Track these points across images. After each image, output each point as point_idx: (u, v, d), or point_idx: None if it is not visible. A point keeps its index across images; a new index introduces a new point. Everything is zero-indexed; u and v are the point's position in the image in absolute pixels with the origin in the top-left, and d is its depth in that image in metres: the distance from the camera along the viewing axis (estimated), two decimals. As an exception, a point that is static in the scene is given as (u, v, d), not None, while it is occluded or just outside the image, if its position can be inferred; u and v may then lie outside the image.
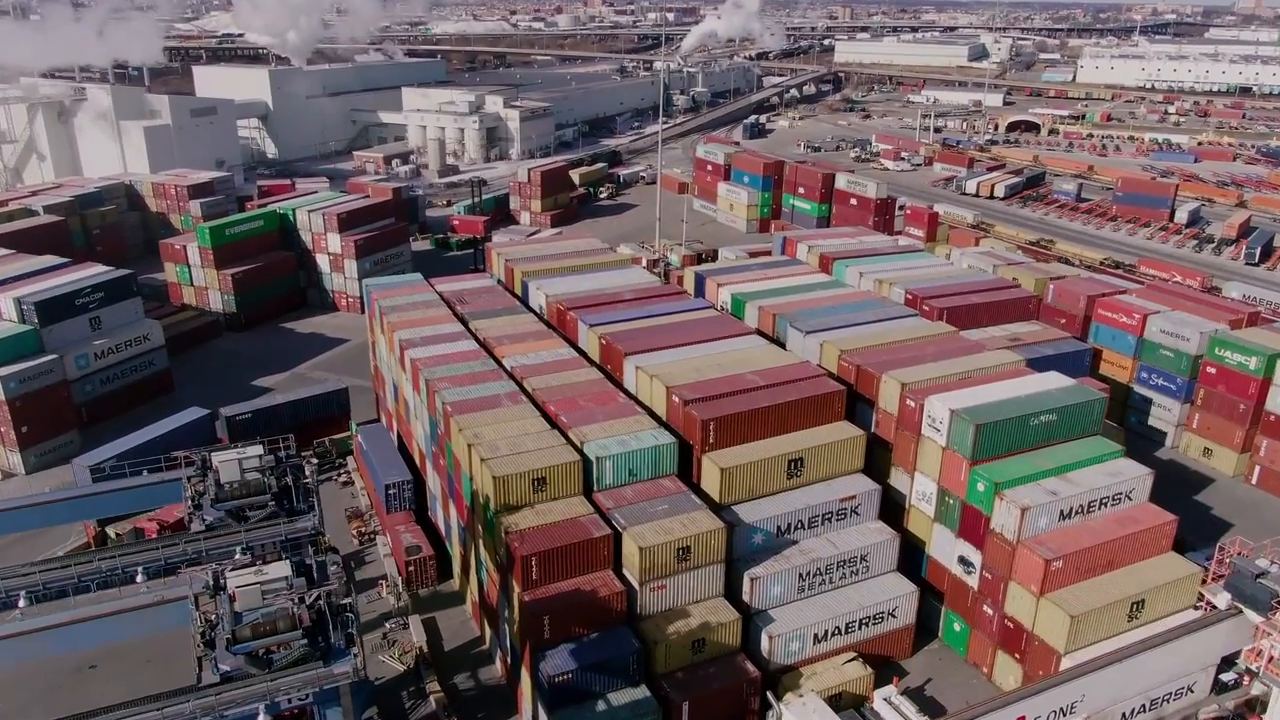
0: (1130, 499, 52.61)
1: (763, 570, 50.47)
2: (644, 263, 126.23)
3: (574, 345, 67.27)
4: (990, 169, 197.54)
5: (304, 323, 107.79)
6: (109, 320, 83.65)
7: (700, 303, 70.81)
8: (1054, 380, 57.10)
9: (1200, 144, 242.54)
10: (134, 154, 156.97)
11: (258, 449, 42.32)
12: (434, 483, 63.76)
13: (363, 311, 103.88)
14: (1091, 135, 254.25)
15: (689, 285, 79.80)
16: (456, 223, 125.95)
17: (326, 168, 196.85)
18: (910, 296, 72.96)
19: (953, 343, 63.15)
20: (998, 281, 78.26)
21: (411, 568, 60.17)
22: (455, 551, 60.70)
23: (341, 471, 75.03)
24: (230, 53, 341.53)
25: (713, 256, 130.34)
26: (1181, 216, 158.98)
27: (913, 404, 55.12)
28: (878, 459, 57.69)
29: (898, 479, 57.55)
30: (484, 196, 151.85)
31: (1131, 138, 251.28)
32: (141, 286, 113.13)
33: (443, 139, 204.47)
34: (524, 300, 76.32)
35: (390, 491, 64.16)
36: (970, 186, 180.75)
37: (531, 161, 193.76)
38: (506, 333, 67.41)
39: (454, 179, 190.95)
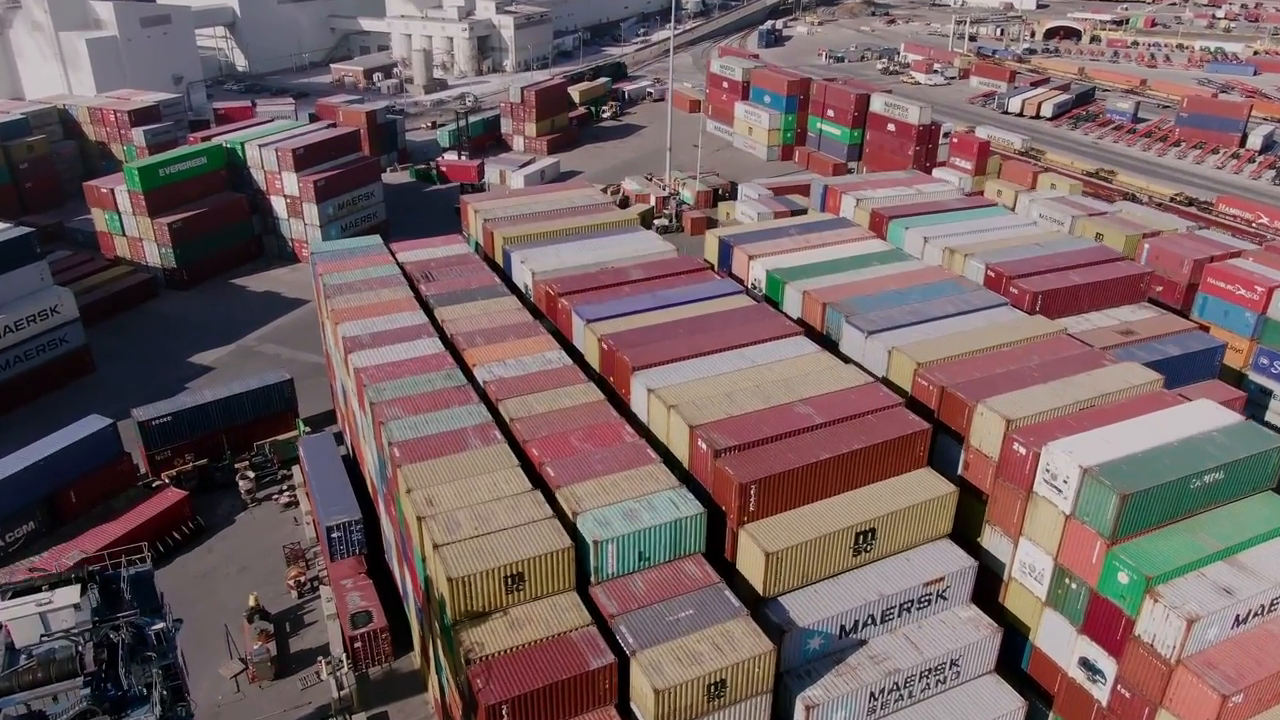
0: (1321, 587, 38.60)
1: (822, 692, 36.77)
2: (652, 200, 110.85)
3: (567, 343, 52.77)
4: (1034, 84, 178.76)
5: (258, 278, 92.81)
6: (6, 291, 69.07)
7: (728, 285, 55.72)
8: (1209, 416, 42.44)
9: (1256, 53, 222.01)
10: (78, 72, 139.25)
11: (73, 593, 27.99)
12: (388, 528, 49.99)
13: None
14: (1137, 43, 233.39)
15: (711, 251, 64.47)
16: (445, 167, 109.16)
17: (302, 82, 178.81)
18: (992, 273, 57.78)
19: (1061, 349, 48.33)
20: (1097, 251, 62.73)
21: (359, 643, 46.77)
22: (414, 626, 47.27)
23: (285, 488, 61.11)
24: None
25: (731, 192, 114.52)
26: (1254, 142, 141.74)
27: (1022, 450, 40.68)
28: (964, 509, 43.53)
29: (992, 541, 43.50)
30: (471, 119, 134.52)
31: (1181, 46, 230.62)
32: (73, 233, 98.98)
33: (429, 50, 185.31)
34: (506, 275, 61.36)
35: (334, 535, 50.43)
36: (1014, 105, 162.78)
37: (526, 75, 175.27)
38: (481, 326, 52.66)
39: (442, 95, 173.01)
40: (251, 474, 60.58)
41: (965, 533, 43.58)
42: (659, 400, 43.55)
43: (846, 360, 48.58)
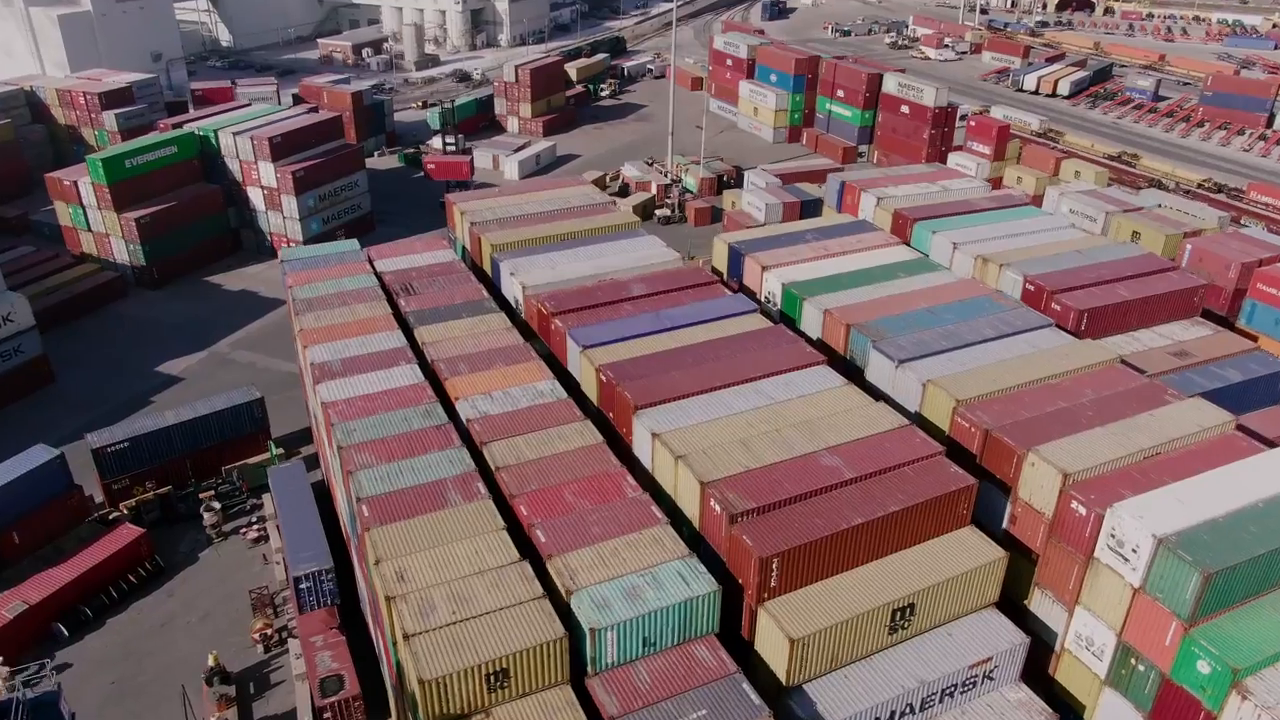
0: None
1: (856, 800, 31.91)
2: (653, 188, 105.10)
3: (560, 367, 47.51)
4: (1048, 60, 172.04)
5: (235, 275, 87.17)
6: (-49, 299, 63.58)
7: (740, 303, 50.14)
8: (1296, 466, 37.29)
9: (1276, 26, 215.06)
10: (50, 51, 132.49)
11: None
12: (361, 581, 44.85)
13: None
14: (1152, 15, 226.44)
15: (719, 258, 58.94)
16: (433, 164, 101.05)
17: (288, 58, 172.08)
18: (1031, 286, 52.30)
19: (1116, 381, 43.01)
20: (1145, 260, 56.96)
21: (329, 713, 41.78)
22: (390, 692, 42.23)
23: (254, 520, 55.91)
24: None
25: (736, 179, 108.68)
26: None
27: (1083, 511, 35.51)
28: (1010, 568, 38.22)
29: (1043, 607, 38.46)
30: (462, 100, 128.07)
31: (1197, 18, 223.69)
32: (40, 226, 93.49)
33: (421, 24, 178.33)
34: (495, 285, 55.97)
35: (302, 585, 45.30)
36: (1029, 82, 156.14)
37: (522, 51, 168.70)
38: (465, 350, 47.23)
39: (434, 72, 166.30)
40: (217, 504, 55.34)
41: (1010, 593, 38.53)
42: (665, 448, 38.26)
43: (876, 396, 43.23)
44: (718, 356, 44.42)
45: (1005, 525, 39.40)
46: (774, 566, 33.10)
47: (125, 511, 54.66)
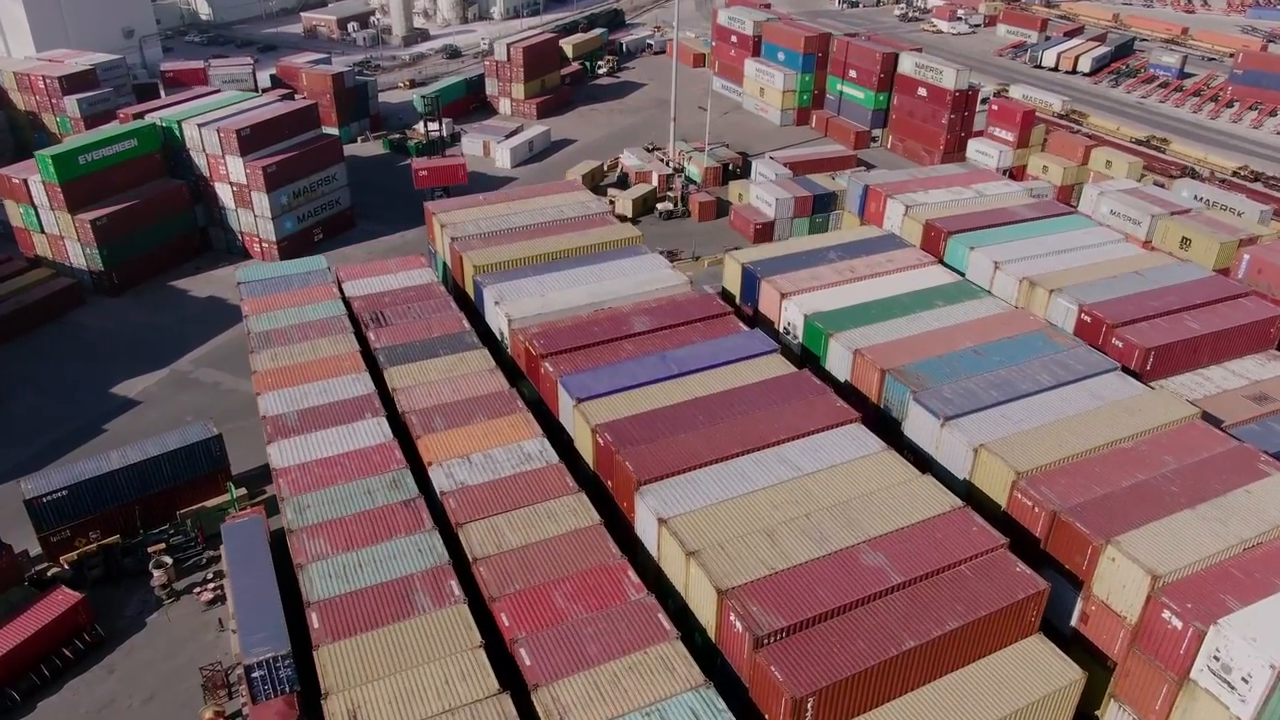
0: None
1: None
2: (654, 179, 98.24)
3: (550, 417, 41.39)
4: (1067, 34, 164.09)
5: (202, 280, 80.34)
6: (-122, 321, 57.20)
7: (758, 342, 43.72)
8: None
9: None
10: (14, 30, 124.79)
11: None
12: (321, 672, 38.92)
13: (281, 257, 78.96)
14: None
15: (732, 280, 52.54)
16: (424, 172, 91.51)
17: (270, 32, 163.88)
18: (1088, 318, 45.96)
19: (1199, 444, 36.87)
20: (1214, 284, 50.05)
21: (282, 832, 36.06)
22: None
23: (210, 575, 49.77)
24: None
25: (743, 168, 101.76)
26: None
27: (1177, 624, 29.53)
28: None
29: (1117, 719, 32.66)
30: (444, 84, 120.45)
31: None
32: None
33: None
34: (479, 310, 49.65)
35: (255, 674, 39.30)
36: (1047, 58, 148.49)
37: (515, 26, 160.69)
38: (442, 399, 41.04)
39: (423, 48, 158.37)
40: (168, 559, 49.26)
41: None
42: (674, 539, 32.14)
43: (917, 456, 37.13)
44: (734, 413, 38.22)
45: (1074, 623, 33.51)
46: (809, 707, 27.13)
47: (65, 568, 48.61)
